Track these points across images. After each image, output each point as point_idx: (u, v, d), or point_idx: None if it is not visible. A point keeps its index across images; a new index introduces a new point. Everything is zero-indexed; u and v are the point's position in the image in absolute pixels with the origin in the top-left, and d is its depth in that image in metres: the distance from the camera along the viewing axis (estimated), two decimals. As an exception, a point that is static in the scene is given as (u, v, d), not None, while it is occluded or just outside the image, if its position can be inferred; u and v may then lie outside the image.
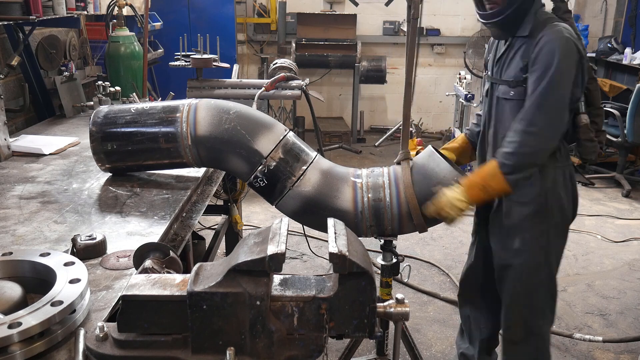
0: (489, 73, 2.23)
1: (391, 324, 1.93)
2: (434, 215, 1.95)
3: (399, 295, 1.16)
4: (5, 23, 2.85)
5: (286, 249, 1.06)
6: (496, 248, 2.26)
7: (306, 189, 2.01)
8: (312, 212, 2.02)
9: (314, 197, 2.00)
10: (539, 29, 1.96)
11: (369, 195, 1.99)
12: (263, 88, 2.95)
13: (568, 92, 1.94)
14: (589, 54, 6.75)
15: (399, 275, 2.36)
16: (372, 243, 4.27)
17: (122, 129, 2.07)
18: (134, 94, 3.16)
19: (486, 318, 2.52)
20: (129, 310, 1.06)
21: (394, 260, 2.27)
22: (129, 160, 2.13)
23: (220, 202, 3.36)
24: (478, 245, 2.47)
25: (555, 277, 2.25)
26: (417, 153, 2.19)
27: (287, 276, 1.15)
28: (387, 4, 2.86)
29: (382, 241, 2.26)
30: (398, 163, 2.07)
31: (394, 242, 2.25)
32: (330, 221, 1.21)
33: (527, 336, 2.27)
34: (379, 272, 2.37)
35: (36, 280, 1.29)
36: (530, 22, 2.00)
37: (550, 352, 2.36)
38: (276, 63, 3.34)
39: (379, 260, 2.27)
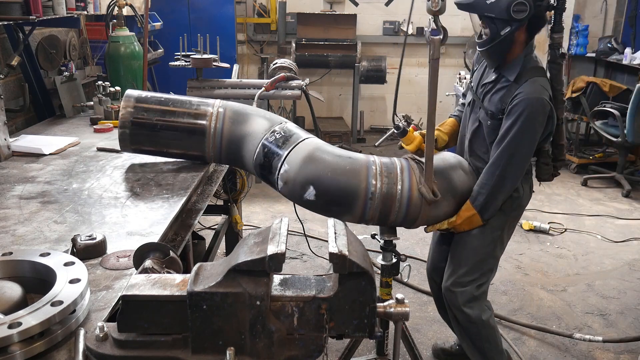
0: (474, 87, 2.41)
1: (391, 324, 1.93)
2: (429, 231, 2.31)
3: (399, 295, 1.16)
4: (5, 23, 2.85)
5: (286, 249, 1.06)
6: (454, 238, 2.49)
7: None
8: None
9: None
10: (523, 78, 2.19)
11: (384, 181, 2.12)
12: (263, 88, 2.95)
13: (533, 149, 2.25)
14: (589, 54, 6.79)
15: (399, 275, 2.39)
16: (372, 243, 4.27)
17: (155, 106, 2.29)
18: (134, 94, 3.15)
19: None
20: (129, 310, 1.06)
21: (394, 260, 2.28)
22: (155, 139, 2.30)
23: (220, 202, 3.36)
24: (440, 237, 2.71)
25: (492, 271, 2.51)
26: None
27: (287, 276, 1.15)
28: (387, 4, 2.87)
29: (383, 241, 2.28)
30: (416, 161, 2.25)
31: (394, 242, 2.26)
32: (330, 221, 1.21)
33: (469, 323, 2.47)
34: (379, 272, 2.37)
35: (36, 280, 1.29)
36: (517, 67, 2.21)
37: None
38: (276, 63, 3.34)
39: (379, 260, 2.28)
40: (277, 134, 2.21)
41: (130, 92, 2.33)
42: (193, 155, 2.34)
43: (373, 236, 2.38)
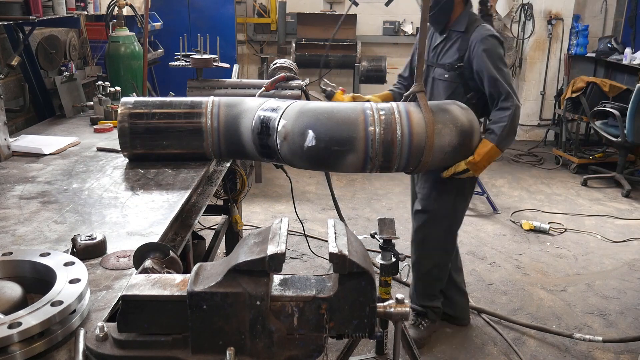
0: (415, 57, 2.57)
1: (391, 324, 1.93)
2: (447, 177, 2.52)
3: (399, 295, 1.16)
4: (5, 23, 2.85)
5: (286, 249, 1.06)
6: (419, 198, 2.92)
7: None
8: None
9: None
10: (471, 28, 2.59)
11: (382, 129, 2.19)
12: (263, 88, 2.95)
13: (509, 73, 2.57)
14: (589, 54, 6.79)
15: (399, 274, 2.42)
16: (372, 243, 4.27)
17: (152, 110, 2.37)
18: (134, 94, 3.16)
19: None
20: (129, 310, 1.06)
21: (393, 259, 2.28)
22: (154, 140, 2.36)
23: (220, 202, 3.36)
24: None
25: (453, 221, 2.90)
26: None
27: (287, 276, 1.15)
28: (387, 4, 2.88)
29: (382, 240, 2.28)
30: (407, 98, 2.40)
31: (393, 241, 2.26)
32: (330, 221, 1.21)
33: (432, 267, 2.96)
34: (379, 271, 2.37)
35: (36, 280, 1.29)
36: (464, 21, 2.62)
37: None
38: (276, 63, 3.34)
39: (378, 259, 2.28)
40: (269, 104, 2.31)
41: (126, 98, 2.42)
42: (193, 145, 2.37)
43: (373, 235, 2.38)
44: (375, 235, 2.34)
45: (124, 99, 2.41)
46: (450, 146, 2.25)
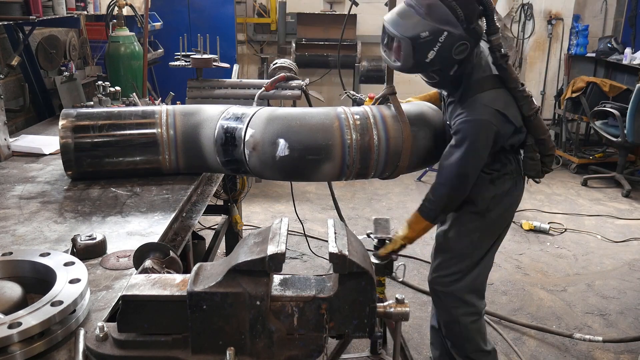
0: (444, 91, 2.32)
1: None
2: (384, 255, 2.26)
3: (399, 295, 1.16)
4: (5, 23, 2.85)
5: (286, 249, 1.06)
6: (437, 233, 2.45)
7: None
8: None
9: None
10: (466, 95, 2.10)
11: (358, 134, 2.10)
12: (263, 88, 2.95)
13: (479, 164, 2.14)
14: (589, 54, 6.78)
15: (394, 274, 2.40)
16: (372, 243, 4.27)
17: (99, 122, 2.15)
18: (134, 94, 3.16)
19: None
20: (129, 310, 1.06)
21: (387, 259, 2.29)
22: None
23: (220, 202, 3.36)
24: None
25: (477, 270, 2.36)
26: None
27: (287, 276, 1.15)
28: (387, 4, 2.86)
29: (376, 240, 2.28)
30: (379, 101, 2.26)
31: (387, 241, 2.26)
32: (330, 221, 1.21)
33: (449, 322, 2.43)
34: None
35: (36, 280, 1.29)
36: (462, 87, 2.13)
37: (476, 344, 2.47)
38: (276, 63, 3.34)
39: (372, 259, 2.28)
40: (232, 112, 2.17)
41: (68, 110, 2.23)
42: (147, 159, 2.17)
43: (368, 235, 2.39)
44: (371, 235, 2.35)
45: (65, 111, 2.19)
46: (426, 149, 2.20)
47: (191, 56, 3.22)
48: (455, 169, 2.10)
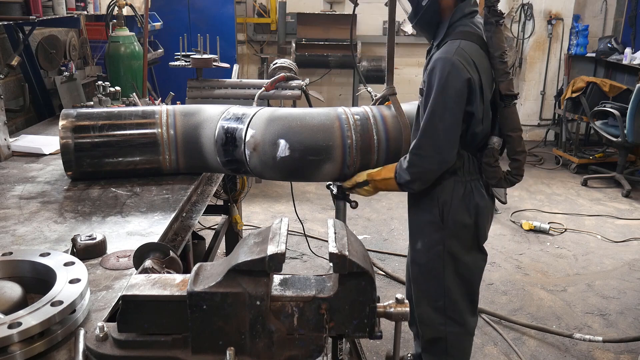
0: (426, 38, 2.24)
1: (390, 324, 1.92)
2: (347, 191, 2.28)
3: (399, 295, 1.16)
4: (5, 23, 2.85)
5: (286, 249, 1.06)
6: (409, 244, 2.32)
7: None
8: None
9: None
10: (443, 42, 1.96)
11: (359, 135, 2.10)
12: (263, 88, 2.95)
13: (453, 118, 1.93)
14: (589, 54, 6.78)
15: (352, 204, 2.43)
16: (372, 243, 4.28)
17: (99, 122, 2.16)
18: (134, 94, 3.16)
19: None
20: (129, 310, 1.06)
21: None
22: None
23: (220, 202, 3.36)
24: None
25: (457, 289, 2.20)
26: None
27: (287, 276, 1.15)
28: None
29: (336, 188, 2.36)
30: (377, 102, 2.23)
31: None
32: (330, 221, 1.20)
33: (435, 338, 2.30)
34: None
35: (36, 280, 1.29)
36: (442, 32, 2.00)
37: None
38: (276, 63, 3.34)
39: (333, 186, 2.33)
40: (232, 112, 2.16)
41: (68, 110, 2.22)
42: (148, 159, 2.17)
43: (327, 186, 2.42)
44: (330, 186, 2.38)
45: (65, 111, 2.20)
46: None
47: (191, 56, 3.22)
48: (428, 124, 1.93)
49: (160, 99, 3.64)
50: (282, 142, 2.03)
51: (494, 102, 2.00)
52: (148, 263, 1.28)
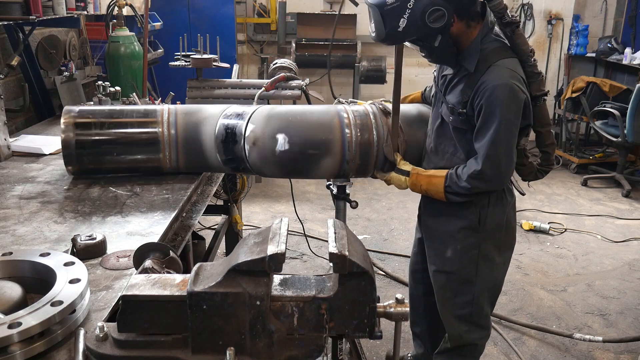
0: (436, 79, 2.21)
1: (390, 324, 1.93)
2: (379, 178, 2.26)
3: (399, 295, 1.16)
4: (5, 23, 2.85)
5: (286, 249, 1.06)
6: (430, 254, 2.28)
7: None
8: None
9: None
10: (483, 65, 1.93)
11: (358, 130, 2.12)
12: (263, 88, 2.95)
13: (514, 140, 1.97)
14: (589, 54, 6.78)
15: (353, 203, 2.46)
16: (372, 243, 4.28)
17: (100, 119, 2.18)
18: (134, 94, 3.15)
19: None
20: (129, 310, 1.06)
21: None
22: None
23: (220, 202, 3.36)
24: (419, 244, 2.50)
25: (486, 292, 2.24)
26: None
27: (287, 276, 1.15)
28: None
29: (336, 188, 2.40)
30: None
31: (347, 190, 2.39)
32: (330, 221, 1.20)
33: (459, 345, 2.30)
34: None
35: (36, 280, 1.29)
36: (475, 54, 1.95)
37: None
38: (276, 63, 3.34)
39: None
40: (233, 110, 2.19)
41: (70, 107, 2.23)
42: (148, 158, 2.18)
43: (327, 186, 2.44)
44: (330, 185, 2.39)
45: (67, 108, 2.21)
46: (422, 142, 2.21)
47: (191, 56, 3.22)
48: (490, 150, 1.91)
49: (160, 99, 3.63)
50: (282, 136, 2.05)
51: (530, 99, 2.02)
52: (148, 263, 1.28)
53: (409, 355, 2.82)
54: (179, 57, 3.36)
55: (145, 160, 2.18)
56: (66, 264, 1.27)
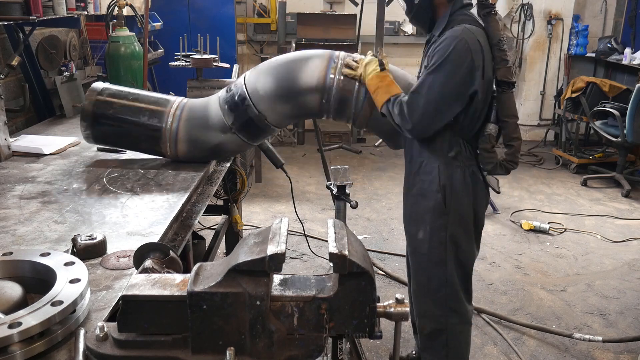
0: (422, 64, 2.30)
1: (390, 324, 1.93)
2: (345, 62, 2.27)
3: (399, 295, 1.16)
4: (6, 23, 2.85)
5: (286, 249, 1.06)
6: (407, 237, 2.38)
7: None
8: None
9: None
10: (447, 30, 2.06)
11: (341, 76, 2.21)
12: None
13: (449, 93, 2.02)
14: (589, 54, 6.78)
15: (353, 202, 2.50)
16: (372, 243, 4.28)
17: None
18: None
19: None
20: (129, 310, 1.06)
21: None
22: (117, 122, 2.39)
23: (220, 202, 3.36)
24: None
25: (457, 277, 2.27)
26: None
27: (287, 276, 1.15)
28: (387, 4, 2.86)
29: (336, 188, 2.43)
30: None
31: (347, 189, 2.41)
32: (330, 221, 1.21)
33: (435, 330, 2.34)
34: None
35: (36, 280, 1.29)
36: (443, 23, 2.10)
37: (466, 354, 2.41)
38: (276, 63, 3.33)
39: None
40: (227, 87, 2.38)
41: (95, 84, 2.45)
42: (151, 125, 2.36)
43: (327, 186, 2.45)
44: (331, 186, 2.41)
45: (93, 85, 2.46)
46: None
47: (191, 56, 3.22)
48: (427, 83, 2.00)
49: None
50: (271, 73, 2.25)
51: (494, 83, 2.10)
52: (148, 263, 1.28)
53: (413, 352, 2.83)
54: (179, 57, 3.36)
55: (149, 126, 2.35)
56: (66, 264, 1.27)
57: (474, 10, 2.14)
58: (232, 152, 2.57)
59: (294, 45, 6.64)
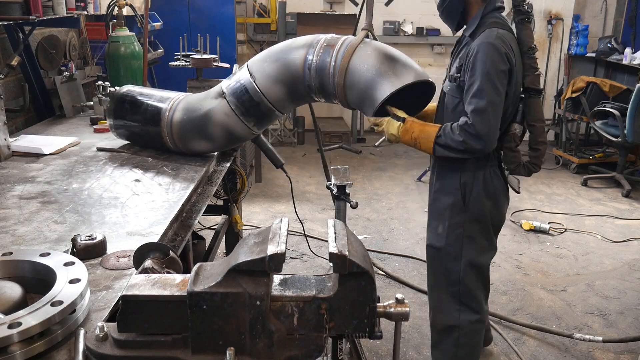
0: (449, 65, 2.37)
1: (390, 324, 1.93)
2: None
3: (399, 295, 1.16)
4: (5, 23, 2.85)
5: (286, 249, 1.06)
6: (428, 229, 2.44)
7: None
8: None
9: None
10: (479, 32, 2.11)
11: (319, 55, 2.18)
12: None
13: (499, 98, 2.06)
14: (589, 54, 6.78)
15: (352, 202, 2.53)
16: (372, 243, 4.28)
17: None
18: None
19: None
20: (129, 310, 1.06)
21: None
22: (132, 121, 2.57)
23: (220, 202, 3.36)
24: None
25: (472, 274, 2.31)
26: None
27: (287, 276, 1.15)
28: (387, 4, 2.86)
29: (336, 188, 2.44)
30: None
31: (347, 189, 2.43)
32: (330, 221, 1.20)
33: (448, 327, 2.37)
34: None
35: (36, 280, 1.29)
36: (475, 23, 2.15)
37: (476, 353, 2.42)
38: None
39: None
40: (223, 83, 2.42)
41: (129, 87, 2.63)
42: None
43: (327, 186, 2.46)
44: (331, 186, 2.43)
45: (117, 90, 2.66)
46: (374, 67, 2.17)
47: (191, 56, 3.22)
48: (475, 103, 2.02)
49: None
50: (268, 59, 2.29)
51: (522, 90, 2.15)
52: (148, 263, 1.28)
53: None
54: (179, 57, 3.36)
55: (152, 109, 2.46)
56: (66, 264, 1.27)
57: (504, 14, 2.22)
58: (221, 125, 2.41)
59: (294, 45, 6.64)
